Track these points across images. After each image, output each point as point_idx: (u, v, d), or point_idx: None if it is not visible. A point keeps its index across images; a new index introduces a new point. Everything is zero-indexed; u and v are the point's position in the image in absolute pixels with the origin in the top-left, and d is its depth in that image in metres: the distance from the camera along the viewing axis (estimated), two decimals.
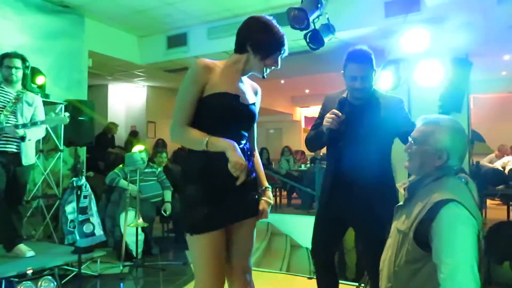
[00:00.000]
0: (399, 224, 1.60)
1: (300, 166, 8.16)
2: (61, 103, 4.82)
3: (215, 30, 6.35)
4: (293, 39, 5.88)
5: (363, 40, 5.95)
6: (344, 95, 2.31)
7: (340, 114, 2.13)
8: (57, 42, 5.34)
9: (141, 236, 4.24)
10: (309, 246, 5.13)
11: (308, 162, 8.75)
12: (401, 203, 1.69)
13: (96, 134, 6.09)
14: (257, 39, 1.72)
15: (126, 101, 9.77)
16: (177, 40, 6.71)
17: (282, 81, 10.10)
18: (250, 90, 1.84)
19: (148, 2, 5.55)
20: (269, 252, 5.38)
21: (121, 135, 8.49)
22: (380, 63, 5.23)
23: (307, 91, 12.45)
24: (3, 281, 2.91)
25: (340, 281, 3.44)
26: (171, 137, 1.68)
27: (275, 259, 5.13)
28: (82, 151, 5.55)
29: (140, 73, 8.28)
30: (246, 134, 1.78)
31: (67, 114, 3.32)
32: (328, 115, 2.15)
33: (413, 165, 1.62)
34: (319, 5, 3.98)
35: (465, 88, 3.99)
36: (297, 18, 4.01)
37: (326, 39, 4.19)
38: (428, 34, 3.97)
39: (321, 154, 9.15)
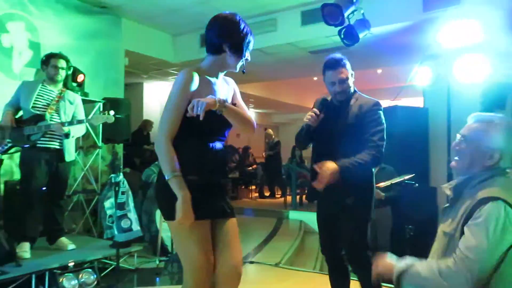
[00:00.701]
0: (445, 226, 1.53)
1: None
2: (99, 101, 4.97)
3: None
4: (326, 35, 5.82)
5: (399, 35, 5.82)
6: (329, 98, 2.53)
7: (318, 112, 2.34)
8: (95, 42, 5.50)
9: None
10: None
11: None
12: (447, 204, 1.62)
13: (132, 131, 6.23)
14: (233, 39, 1.79)
15: (160, 99, 9.94)
16: None
17: (315, 78, 9.99)
18: (225, 87, 1.92)
19: (182, 1, 5.62)
20: (302, 251, 5.35)
21: (155, 133, 8.65)
22: (417, 59, 5.08)
23: None
24: (47, 273, 3.04)
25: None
26: (155, 146, 1.73)
27: (308, 258, 5.09)
28: (119, 148, 5.71)
29: (174, 71, 8.41)
30: (226, 134, 1.89)
31: (112, 112, 3.42)
32: (309, 112, 2.38)
33: (462, 164, 1.55)
34: (354, 0, 3.90)
35: (510, 83, 3.81)
36: (332, 14, 3.95)
37: (361, 35, 4.11)
38: (469, 28, 3.81)
39: None
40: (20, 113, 3.52)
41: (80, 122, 3.49)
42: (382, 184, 2.97)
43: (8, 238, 3.18)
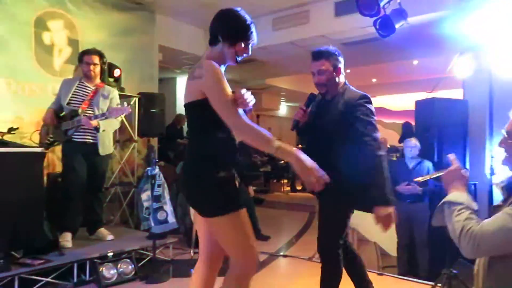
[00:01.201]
0: None
1: None
2: (135, 96, 5.08)
3: (280, 20, 6.31)
4: (360, 26, 5.69)
5: (437, 24, 5.62)
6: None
7: (304, 107, 2.38)
8: (130, 38, 5.61)
9: None
10: (376, 240, 4.97)
11: None
12: (498, 202, 1.56)
13: (166, 125, 6.34)
14: (226, 28, 1.86)
15: None
16: None
17: (348, 71, 9.83)
18: None
19: None
20: None
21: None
22: (456, 49, 4.89)
23: (374, 80, 12.02)
24: (88, 262, 3.15)
25: (411, 279, 3.31)
26: (240, 134, 1.75)
27: None
28: (154, 142, 5.82)
29: None
30: None
31: (125, 104, 3.52)
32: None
33: (510, 161, 1.49)
34: None
35: None
36: (367, 4, 3.86)
37: (397, 25, 3.99)
38: None
39: (389, 146, 8.82)
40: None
41: (103, 115, 3.56)
42: (420, 179, 2.89)
43: (52, 228, 3.32)
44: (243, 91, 1.76)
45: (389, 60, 8.48)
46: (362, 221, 6.19)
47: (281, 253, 4.24)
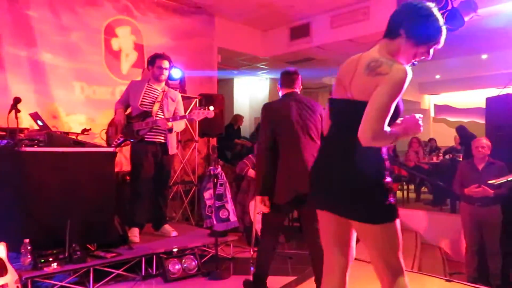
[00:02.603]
0: None
1: (432, 159, 7.57)
2: (196, 97, 5.24)
3: (338, 17, 6.21)
4: None
5: (507, 17, 5.23)
6: None
7: None
8: (191, 41, 5.81)
9: None
10: (441, 245, 4.70)
11: (441, 154, 8.07)
12: None
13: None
14: (413, 24, 1.61)
15: (250, 93, 10.19)
16: (300, 31, 6.75)
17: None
18: None
19: None
20: None
21: (245, 127, 8.90)
22: None
23: (437, 76, 11.45)
24: (154, 256, 3.29)
25: (481, 287, 3.11)
26: (377, 140, 1.58)
27: (404, 256, 4.83)
28: (213, 142, 5.97)
29: (263, 66, 8.55)
30: None
31: (211, 108, 3.59)
32: None
33: None
34: None
35: None
36: None
37: (466, 18, 3.79)
38: None
39: (453, 146, 8.38)
40: (129, 110, 3.85)
41: (182, 117, 3.70)
42: (494, 181, 2.71)
43: (121, 224, 3.51)
44: (418, 115, 1.71)
45: (455, 55, 8.04)
46: (425, 225, 5.94)
47: None
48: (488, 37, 6.21)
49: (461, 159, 6.43)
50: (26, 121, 3.87)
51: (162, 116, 3.71)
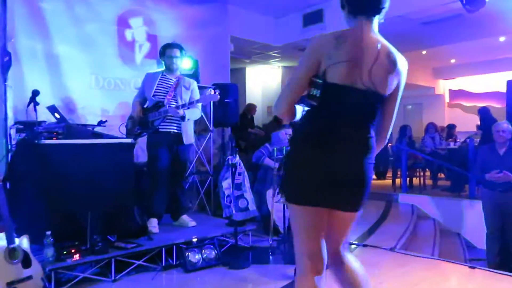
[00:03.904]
0: None
1: (449, 144, 7.45)
2: (210, 87, 5.20)
3: None
4: (442, 2, 5.31)
5: None
6: None
7: None
8: (204, 30, 5.74)
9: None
10: (460, 231, 4.67)
11: (460, 140, 7.94)
12: None
13: None
14: None
15: (262, 82, 10.12)
16: (313, 17, 6.64)
17: (424, 52, 9.26)
18: None
19: None
20: (415, 236, 5.06)
21: (258, 116, 8.84)
22: None
23: (452, 61, 11.22)
24: (174, 247, 3.30)
25: (505, 273, 3.07)
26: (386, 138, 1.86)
27: (423, 243, 4.80)
28: (227, 132, 5.94)
29: (276, 54, 8.46)
30: None
31: (217, 91, 3.56)
32: None
33: None
34: None
35: None
36: None
37: None
38: None
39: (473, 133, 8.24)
40: (148, 102, 3.84)
41: (191, 103, 3.67)
42: None
43: (140, 215, 3.52)
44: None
45: (470, 38, 7.84)
46: (443, 212, 5.88)
47: (362, 243, 4.13)
48: (506, 18, 6.03)
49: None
50: (43, 115, 3.87)
51: (176, 105, 3.69)
